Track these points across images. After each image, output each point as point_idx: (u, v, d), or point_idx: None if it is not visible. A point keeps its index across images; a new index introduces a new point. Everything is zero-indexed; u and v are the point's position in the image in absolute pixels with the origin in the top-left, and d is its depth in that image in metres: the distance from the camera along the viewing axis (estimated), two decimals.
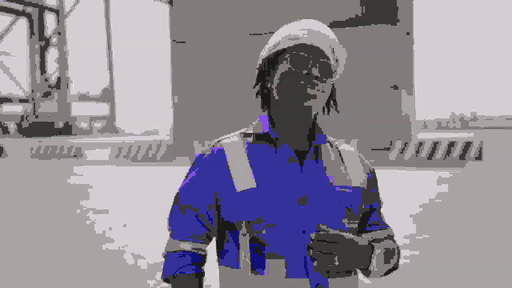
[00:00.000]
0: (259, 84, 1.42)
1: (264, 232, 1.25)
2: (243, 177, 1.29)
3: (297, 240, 1.25)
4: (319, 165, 1.33)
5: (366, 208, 1.42)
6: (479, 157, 16.12)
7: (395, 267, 1.38)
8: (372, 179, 1.43)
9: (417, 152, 16.81)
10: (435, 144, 16.65)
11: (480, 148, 16.19)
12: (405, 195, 9.45)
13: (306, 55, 1.29)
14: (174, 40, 25.59)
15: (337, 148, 1.41)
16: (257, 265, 1.27)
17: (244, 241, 1.27)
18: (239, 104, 24.10)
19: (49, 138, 56.75)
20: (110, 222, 7.60)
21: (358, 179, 1.38)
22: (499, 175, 12.43)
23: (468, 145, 16.31)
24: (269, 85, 1.37)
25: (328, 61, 1.31)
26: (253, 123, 1.40)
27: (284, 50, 1.32)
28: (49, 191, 11.50)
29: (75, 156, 22.62)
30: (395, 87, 21.26)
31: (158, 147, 20.93)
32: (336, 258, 1.21)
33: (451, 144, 16.45)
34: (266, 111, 1.41)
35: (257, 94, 1.43)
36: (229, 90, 24.42)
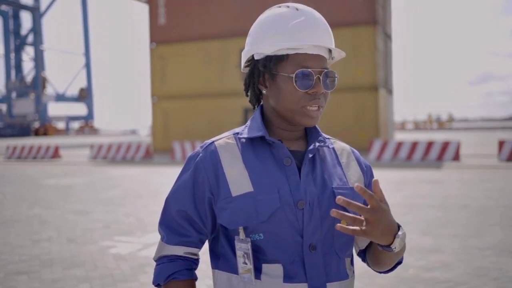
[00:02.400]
0: (249, 83, 1.34)
1: (261, 237, 1.22)
2: (238, 181, 1.24)
3: (296, 244, 1.22)
4: (316, 166, 1.29)
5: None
6: (456, 158, 16.38)
7: (400, 261, 1.36)
8: (369, 175, 1.41)
9: (396, 152, 16.99)
10: (414, 145, 16.85)
11: (458, 148, 16.45)
12: (386, 195, 9.53)
13: (311, 70, 1.23)
14: (153, 40, 25.40)
15: (332, 146, 1.37)
16: (254, 270, 1.23)
17: (242, 246, 1.23)
18: (218, 103, 24.04)
19: (25, 138, 55.73)
20: (90, 224, 7.49)
21: (355, 179, 1.35)
22: (476, 175, 12.64)
23: (445, 145, 16.55)
24: (264, 91, 1.30)
25: (330, 69, 1.27)
26: (247, 123, 1.35)
27: (284, 56, 1.25)
28: (27, 192, 11.28)
29: (52, 157, 22.25)
30: (374, 88, 21.48)
31: (137, 147, 20.71)
32: (363, 224, 1.12)
33: (429, 145, 16.68)
34: (258, 109, 1.35)
35: (246, 92, 1.36)
36: (208, 90, 24.34)
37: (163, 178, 13.53)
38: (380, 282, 4.54)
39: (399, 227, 1.23)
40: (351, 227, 1.10)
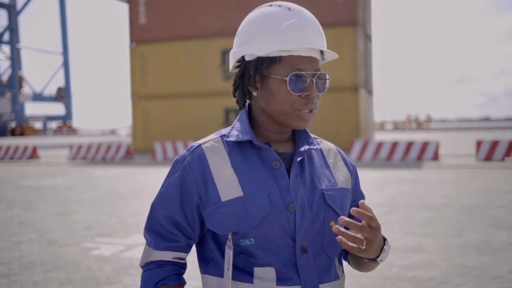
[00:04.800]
0: (238, 85, 1.31)
1: (252, 242, 1.20)
2: (228, 185, 1.22)
3: (287, 247, 1.21)
4: (305, 168, 1.28)
5: (353, 205, 1.40)
6: (435, 157, 16.61)
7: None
8: (355, 175, 1.41)
9: (377, 152, 17.15)
10: (394, 145, 17.04)
11: (437, 148, 16.68)
12: (368, 195, 9.61)
13: (304, 73, 1.21)
14: (133, 39, 25.17)
15: (319, 147, 1.35)
16: (245, 275, 1.22)
17: (228, 252, 1.21)
18: (199, 103, 23.94)
19: (1, 138, 54.70)
20: (71, 225, 7.38)
21: (343, 179, 1.35)
22: (455, 175, 12.83)
23: (425, 146, 16.77)
24: (255, 93, 1.27)
25: (321, 71, 1.25)
26: (234, 123, 1.32)
27: (277, 58, 1.23)
28: (5, 194, 11.06)
29: (30, 157, 21.89)
30: (355, 89, 21.65)
31: (118, 148, 20.50)
32: (364, 243, 1.15)
33: (409, 145, 16.88)
34: (244, 110, 1.32)
35: (234, 93, 1.33)
36: (189, 90, 24.23)
37: (145, 179, 13.42)
38: (364, 282, 4.56)
39: (384, 240, 1.26)
40: (350, 243, 1.12)
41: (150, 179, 13.14)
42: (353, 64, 21.54)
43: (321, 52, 1.28)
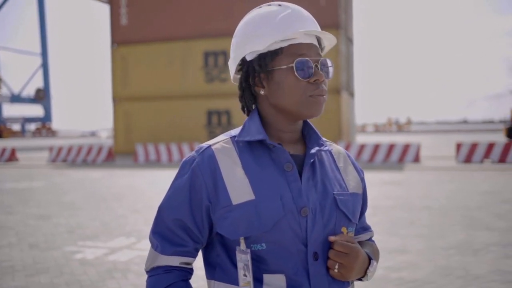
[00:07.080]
0: (242, 86, 1.29)
1: (264, 247, 1.17)
2: (239, 188, 1.18)
3: (299, 253, 1.18)
4: (316, 171, 1.25)
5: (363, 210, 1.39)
6: (416, 159, 16.80)
7: None
8: (363, 182, 1.39)
9: (359, 154, 17.28)
10: (376, 147, 17.19)
11: (418, 150, 16.88)
12: None
13: (308, 58, 1.21)
14: (114, 41, 24.97)
15: (329, 150, 1.33)
16: (254, 281, 1.18)
17: (242, 257, 1.17)
18: (181, 105, 23.84)
19: None
20: (53, 228, 7.27)
21: (354, 184, 1.33)
22: (436, 176, 13.00)
23: (406, 148, 16.96)
24: (262, 91, 1.25)
25: (322, 57, 1.25)
26: (244, 124, 1.28)
27: (278, 50, 1.22)
28: None
29: (8, 160, 21.51)
30: (337, 91, 21.79)
31: (99, 150, 20.28)
32: (336, 266, 1.18)
33: (391, 147, 17.05)
34: (255, 112, 1.29)
35: (241, 97, 1.30)
36: (171, 91, 24.11)
37: (127, 181, 13.30)
38: None
39: (370, 260, 1.26)
40: (331, 270, 1.20)
41: (132, 182, 13.03)
42: (335, 67, 21.59)
43: (319, 43, 1.29)
